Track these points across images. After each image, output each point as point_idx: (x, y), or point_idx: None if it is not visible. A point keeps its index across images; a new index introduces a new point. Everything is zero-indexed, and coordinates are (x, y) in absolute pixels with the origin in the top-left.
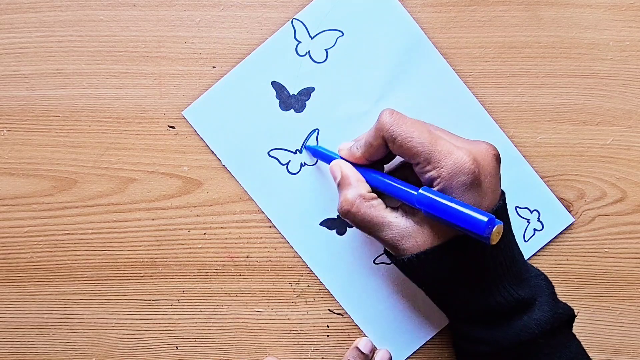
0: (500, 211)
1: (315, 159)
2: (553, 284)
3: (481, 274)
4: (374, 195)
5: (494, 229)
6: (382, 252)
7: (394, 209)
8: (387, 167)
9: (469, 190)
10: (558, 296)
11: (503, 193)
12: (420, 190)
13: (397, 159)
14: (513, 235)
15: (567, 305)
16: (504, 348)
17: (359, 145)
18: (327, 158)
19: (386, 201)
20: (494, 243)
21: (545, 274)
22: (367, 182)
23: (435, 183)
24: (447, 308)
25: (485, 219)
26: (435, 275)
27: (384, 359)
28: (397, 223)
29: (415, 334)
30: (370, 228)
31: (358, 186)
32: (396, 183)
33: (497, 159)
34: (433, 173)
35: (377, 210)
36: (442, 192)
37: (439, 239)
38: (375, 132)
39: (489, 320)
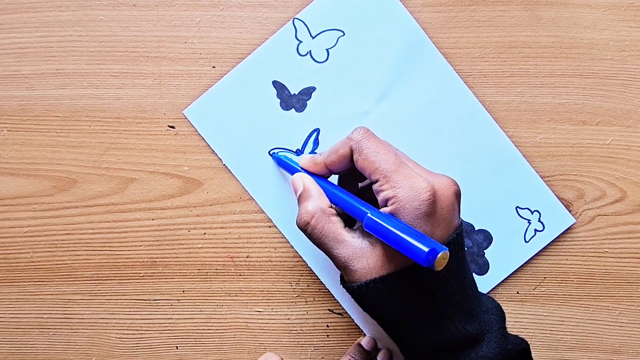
0: (453, 244)
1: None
2: (505, 317)
3: (430, 308)
4: (334, 211)
5: (439, 255)
6: None
7: (352, 229)
8: None
9: (421, 218)
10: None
11: (460, 225)
12: (368, 214)
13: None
14: (468, 269)
15: (519, 338)
16: None
17: (323, 152)
18: (290, 168)
19: (344, 222)
20: (438, 269)
21: (499, 305)
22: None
23: (389, 202)
24: (397, 340)
25: (426, 249)
26: (385, 305)
27: (385, 359)
28: (352, 242)
29: None
30: (325, 244)
31: (319, 199)
32: (353, 200)
33: (457, 194)
34: (389, 192)
35: (335, 226)
36: (395, 213)
37: (390, 266)
38: (345, 140)
39: (435, 356)
